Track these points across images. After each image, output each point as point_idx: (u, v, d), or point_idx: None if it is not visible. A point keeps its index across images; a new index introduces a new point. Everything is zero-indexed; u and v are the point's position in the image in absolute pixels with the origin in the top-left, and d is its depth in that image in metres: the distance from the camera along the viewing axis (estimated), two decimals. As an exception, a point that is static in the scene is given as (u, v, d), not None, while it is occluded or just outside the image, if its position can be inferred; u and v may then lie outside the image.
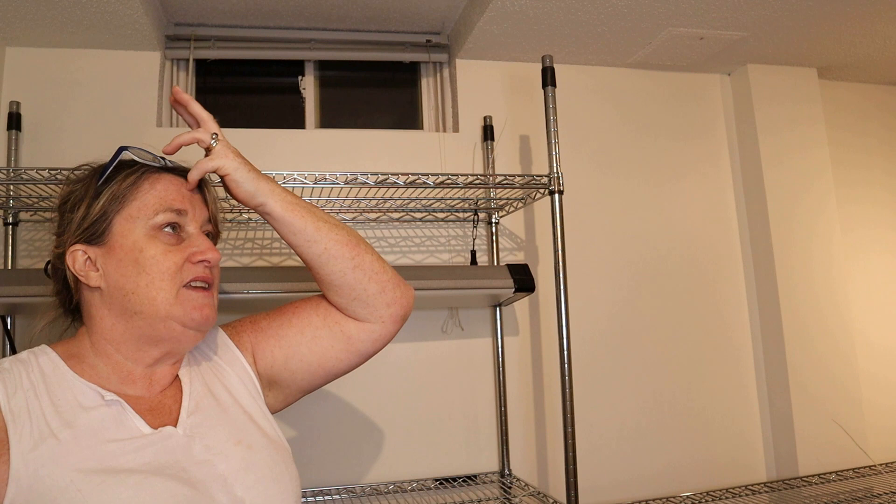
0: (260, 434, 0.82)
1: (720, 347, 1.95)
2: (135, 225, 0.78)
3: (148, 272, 0.77)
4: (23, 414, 0.69)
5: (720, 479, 1.86)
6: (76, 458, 0.67)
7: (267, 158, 1.69)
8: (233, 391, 0.86)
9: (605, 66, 1.99)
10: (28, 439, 0.67)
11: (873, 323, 2.08)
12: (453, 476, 1.66)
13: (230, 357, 0.90)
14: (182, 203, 0.81)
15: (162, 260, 0.77)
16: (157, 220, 0.79)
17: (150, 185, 0.80)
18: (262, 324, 0.93)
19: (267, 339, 0.91)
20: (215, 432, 0.78)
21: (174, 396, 0.81)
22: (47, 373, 0.75)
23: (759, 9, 1.67)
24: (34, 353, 0.78)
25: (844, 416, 1.87)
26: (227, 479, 0.74)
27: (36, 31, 1.57)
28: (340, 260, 0.88)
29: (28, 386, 0.72)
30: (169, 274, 0.78)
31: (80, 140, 1.62)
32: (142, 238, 0.78)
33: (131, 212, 0.78)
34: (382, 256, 0.93)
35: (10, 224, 1.51)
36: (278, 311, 0.95)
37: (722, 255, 2.00)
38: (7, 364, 0.74)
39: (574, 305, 1.78)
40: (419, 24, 1.87)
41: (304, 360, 0.91)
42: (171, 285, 0.77)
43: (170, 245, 0.79)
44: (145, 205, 0.79)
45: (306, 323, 0.92)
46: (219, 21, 1.78)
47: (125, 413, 0.74)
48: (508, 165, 1.86)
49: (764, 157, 1.96)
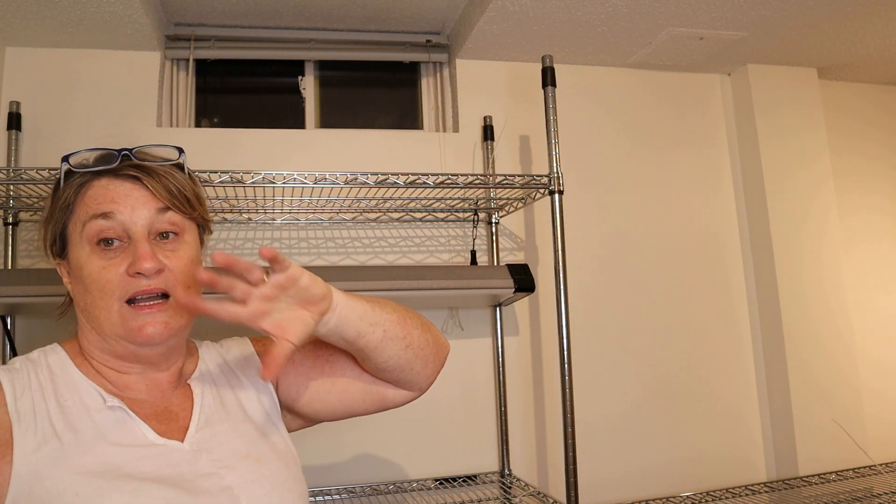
0: (269, 448, 0.80)
1: (720, 348, 1.95)
2: (75, 239, 0.75)
3: (90, 291, 0.73)
4: (29, 415, 0.68)
5: (720, 479, 1.86)
6: (77, 461, 0.66)
7: (267, 158, 1.69)
8: (246, 405, 0.84)
9: (605, 66, 1.99)
10: (32, 440, 0.66)
11: (874, 325, 2.07)
12: (453, 476, 1.66)
13: (254, 373, 0.87)
14: (108, 204, 0.73)
15: (97, 278, 0.72)
16: (88, 232, 0.73)
17: (83, 193, 0.75)
18: (295, 357, 0.87)
19: (296, 376, 0.88)
20: (223, 447, 0.76)
21: (182, 404, 0.79)
22: (56, 372, 0.74)
23: (759, 9, 1.67)
24: (45, 353, 0.77)
25: (844, 415, 1.87)
26: (233, 491, 0.72)
27: (36, 31, 1.57)
28: (395, 342, 0.81)
29: (36, 387, 0.71)
30: (107, 292, 0.72)
31: (80, 140, 1.62)
32: (84, 254, 0.74)
33: (71, 226, 0.76)
34: (419, 316, 0.88)
35: (10, 224, 1.51)
36: (313, 351, 0.89)
37: (722, 255, 2.00)
38: (18, 364, 0.74)
39: (574, 305, 1.78)
40: (419, 24, 1.87)
41: (329, 405, 0.89)
42: (111, 303, 0.72)
43: (108, 259, 0.73)
44: (77, 217, 0.75)
45: (339, 375, 0.88)
46: (219, 21, 1.78)
47: (130, 419, 0.73)
48: (508, 165, 1.86)
49: (764, 158, 1.96)
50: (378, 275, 1.44)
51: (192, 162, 0.85)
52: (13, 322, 1.47)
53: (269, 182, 1.28)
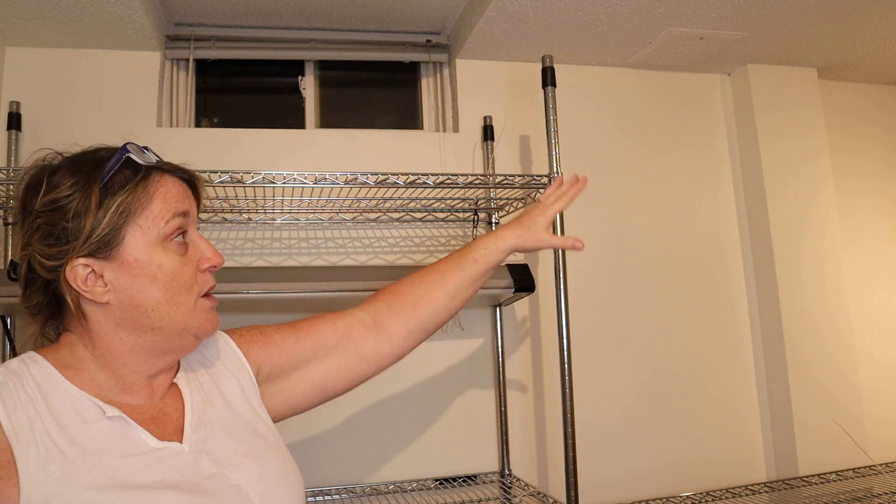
0: (265, 444, 0.81)
1: (720, 347, 1.95)
2: (147, 236, 0.73)
3: (167, 287, 0.73)
4: (26, 432, 0.65)
5: (720, 479, 1.86)
6: (87, 476, 0.64)
7: (267, 158, 1.69)
8: (232, 401, 0.83)
9: (605, 66, 1.99)
10: (35, 459, 0.64)
11: (874, 325, 2.07)
12: (453, 476, 1.66)
13: (235, 365, 0.87)
14: (185, 203, 0.77)
15: (179, 273, 0.74)
16: (168, 229, 0.74)
17: (155, 189, 0.74)
18: (273, 337, 0.91)
19: (280, 354, 0.90)
20: (221, 447, 0.76)
21: (174, 404, 0.78)
22: (41, 384, 0.70)
23: (759, 9, 1.67)
24: (24, 363, 0.72)
25: (844, 415, 1.87)
26: (241, 488, 0.73)
27: (36, 31, 1.57)
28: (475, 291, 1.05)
29: (27, 401, 0.67)
30: (186, 287, 0.75)
31: (80, 140, 1.61)
32: (157, 251, 0.73)
33: (141, 222, 0.73)
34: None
35: (10, 224, 1.51)
36: (291, 326, 0.93)
37: (722, 255, 2.00)
38: (0, 377, 0.68)
39: (574, 305, 1.78)
40: (419, 24, 1.87)
41: (309, 378, 0.92)
42: (189, 298, 0.75)
43: (182, 255, 0.76)
44: (154, 213, 0.73)
45: (321, 342, 0.93)
46: (219, 21, 1.78)
47: (129, 427, 0.71)
48: (508, 165, 1.86)
49: (764, 158, 1.95)
50: (378, 275, 1.44)
51: (193, 162, 0.85)
52: (13, 322, 1.47)
53: (269, 182, 1.28)
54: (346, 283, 1.40)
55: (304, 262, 1.68)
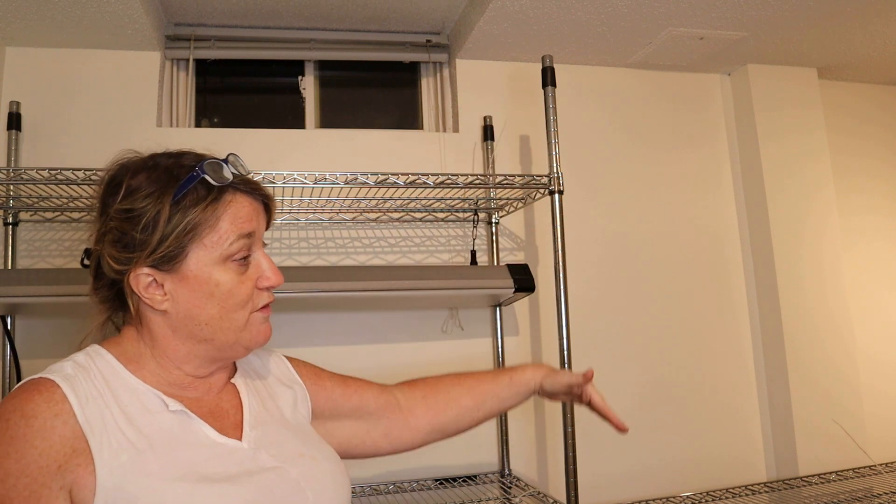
0: (318, 447, 0.84)
1: (720, 347, 1.95)
2: (210, 255, 0.74)
3: (223, 304, 0.76)
4: (98, 423, 0.67)
5: (720, 479, 1.86)
6: (156, 466, 0.67)
7: (267, 158, 1.69)
8: (285, 410, 0.86)
9: (605, 66, 1.99)
10: (108, 449, 0.66)
11: (874, 325, 2.07)
12: (453, 476, 1.66)
13: (291, 382, 0.91)
14: (251, 224, 0.78)
15: (236, 292, 0.76)
16: (232, 250, 0.75)
17: (224, 210, 0.75)
18: (326, 382, 0.95)
19: (326, 400, 0.93)
20: (279, 445, 0.79)
21: (231, 402, 0.81)
22: (108, 377, 0.73)
23: (759, 9, 1.67)
24: (89, 356, 0.74)
25: (844, 415, 1.87)
26: (299, 484, 0.75)
27: (36, 31, 1.57)
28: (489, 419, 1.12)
29: (96, 394, 0.70)
30: (241, 304, 0.77)
31: (80, 140, 1.62)
32: (217, 269, 0.75)
33: (206, 241, 0.74)
34: None
35: (10, 224, 1.51)
36: (341, 378, 0.97)
37: (722, 255, 2.00)
38: (70, 370, 0.70)
39: (574, 305, 1.78)
40: (419, 24, 1.87)
41: (340, 432, 0.95)
42: (242, 314, 0.77)
43: (241, 273, 0.77)
44: (219, 233, 0.75)
45: (364, 405, 0.96)
46: (219, 21, 1.78)
47: (191, 421, 0.74)
48: (508, 165, 1.86)
49: (764, 157, 1.95)
50: (378, 275, 1.44)
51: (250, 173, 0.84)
52: (13, 322, 1.47)
53: (269, 182, 1.28)
54: (347, 283, 1.40)
55: (304, 262, 1.68)
